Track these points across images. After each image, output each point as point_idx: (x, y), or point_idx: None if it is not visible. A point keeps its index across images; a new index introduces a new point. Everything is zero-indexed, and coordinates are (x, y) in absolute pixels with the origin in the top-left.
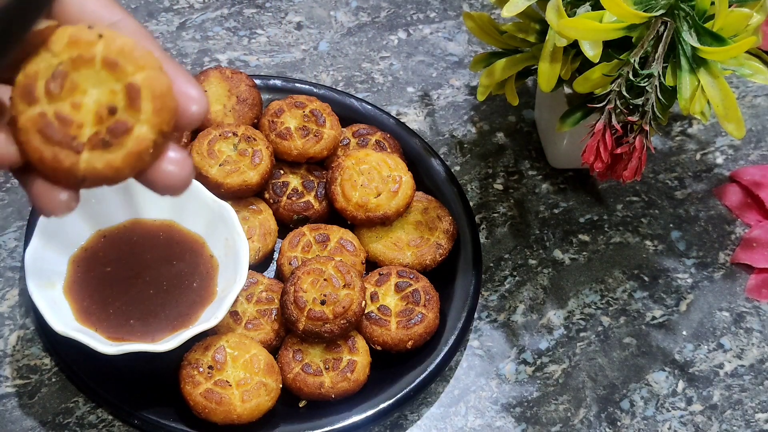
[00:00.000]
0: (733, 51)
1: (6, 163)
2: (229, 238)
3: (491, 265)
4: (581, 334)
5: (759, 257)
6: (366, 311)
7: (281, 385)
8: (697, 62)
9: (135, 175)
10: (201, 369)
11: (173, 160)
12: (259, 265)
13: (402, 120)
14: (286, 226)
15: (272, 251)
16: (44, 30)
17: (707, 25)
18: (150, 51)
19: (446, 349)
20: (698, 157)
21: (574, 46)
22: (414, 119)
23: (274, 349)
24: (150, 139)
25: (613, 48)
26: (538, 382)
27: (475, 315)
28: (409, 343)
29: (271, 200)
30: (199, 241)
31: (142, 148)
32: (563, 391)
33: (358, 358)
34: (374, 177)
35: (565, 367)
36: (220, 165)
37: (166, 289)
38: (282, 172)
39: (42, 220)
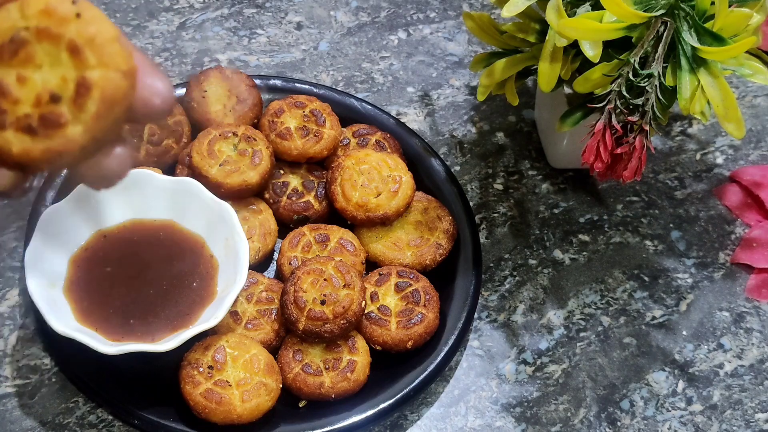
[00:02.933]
0: (733, 51)
1: None
2: (229, 238)
3: (491, 265)
4: (581, 334)
5: (759, 257)
6: (366, 311)
7: (281, 385)
8: (697, 62)
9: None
10: (201, 369)
11: (116, 154)
12: (259, 265)
13: (402, 120)
14: (286, 226)
15: (272, 251)
16: None
17: (707, 25)
18: (127, 50)
19: (446, 349)
20: (698, 157)
21: (574, 46)
22: (414, 119)
23: (274, 349)
24: (78, 144)
25: (613, 48)
26: (538, 382)
27: (475, 315)
28: (409, 343)
29: (271, 200)
30: (199, 241)
31: (66, 149)
32: (563, 391)
33: (358, 358)
34: (374, 177)
35: (565, 367)
36: (220, 165)
37: (166, 289)
38: (282, 172)
39: (42, 220)
